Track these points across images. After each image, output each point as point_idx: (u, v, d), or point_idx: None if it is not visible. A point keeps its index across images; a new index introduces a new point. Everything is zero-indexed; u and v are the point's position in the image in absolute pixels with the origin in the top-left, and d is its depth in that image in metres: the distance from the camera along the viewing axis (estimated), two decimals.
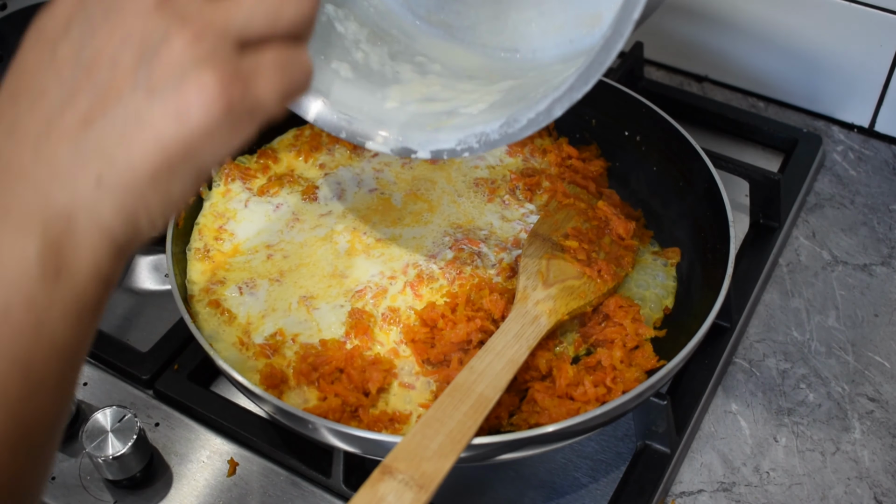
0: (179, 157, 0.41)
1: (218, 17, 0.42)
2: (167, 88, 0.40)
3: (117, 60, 0.41)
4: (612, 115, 0.94)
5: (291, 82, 0.44)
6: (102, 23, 0.42)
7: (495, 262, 0.83)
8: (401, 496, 0.57)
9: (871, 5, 1.01)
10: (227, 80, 0.41)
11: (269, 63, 0.43)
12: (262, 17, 0.43)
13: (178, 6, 0.42)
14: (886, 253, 0.97)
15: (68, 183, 0.41)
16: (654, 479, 0.76)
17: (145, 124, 0.41)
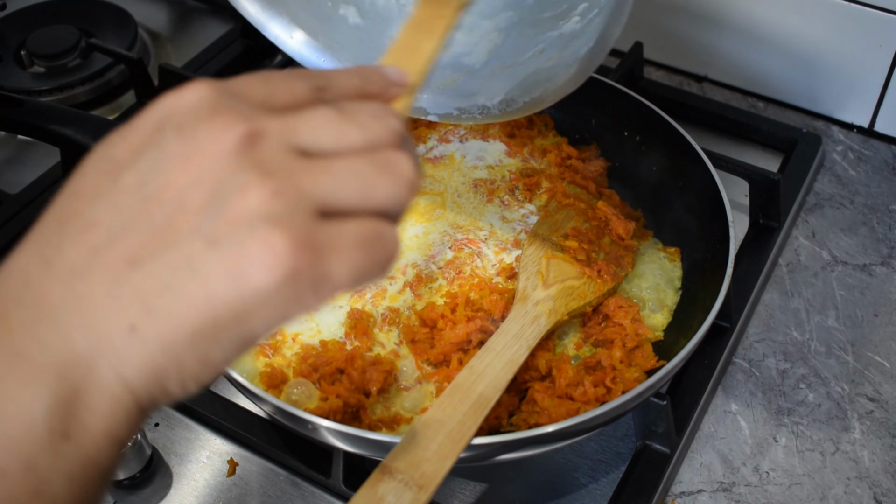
0: (227, 320, 0.36)
1: (304, 178, 0.38)
2: (230, 242, 0.36)
3: (183, 200, 0.37)
4: (612, 115, 0.94)
5: (370, 262, 0.39)
6: (176, 157, 0.38)
7: (495, 263, 0.83)
8: (400, 496, 0.57)
9: (871, 5, 1.01)
10: (298, 245, 0.36)
11: (349, 237, 0.38)
12: (353, 189, 0.39)
13: (263, 155, 0.38)
14: (886, 253, 0.97)
15: (97, 327, 0.36)
16: (654, 479, 0.76)
17: (197, 276, 0.36)
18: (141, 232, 0.37)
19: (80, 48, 1.19)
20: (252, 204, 0.36)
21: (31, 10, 1.27)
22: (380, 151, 0.40)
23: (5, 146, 1.12)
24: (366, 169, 0.40)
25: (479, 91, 0.73)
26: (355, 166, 0.39)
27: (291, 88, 0.42)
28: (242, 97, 0.40)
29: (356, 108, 0.42)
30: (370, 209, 0.40)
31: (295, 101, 0.41)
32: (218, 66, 1.20)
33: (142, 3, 1.34)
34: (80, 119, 0.94)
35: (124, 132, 0.40)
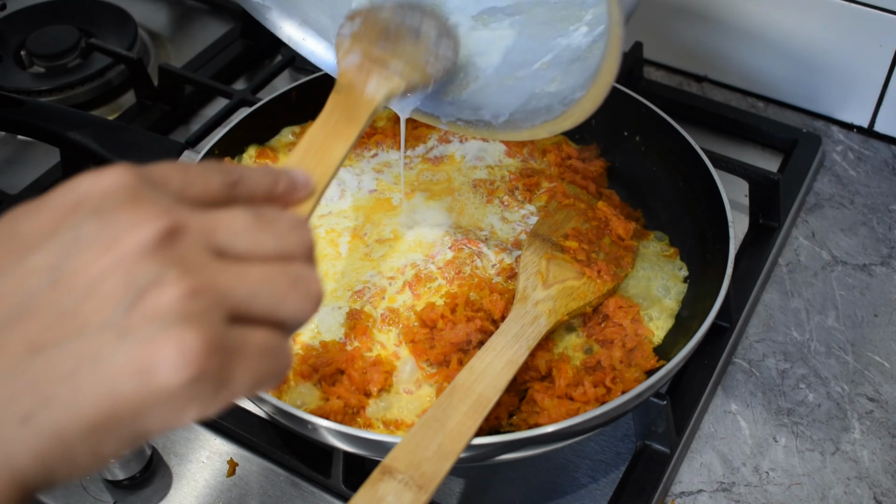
0: (126, 416, 0.36)
1: (221, 280, 0.38)
2: (141, 335, 0.36)
3: (95, 288, 0.36)
4: (612, 115, 0.94)
5: (268, 371, 0.40)
6: (92, 243, 0.37)
7: (495, 263, 0.83)
8: (400, 496, 0.57)
9: (871, 5, 1.01)
10: (210, 347, 0.36)
11: (255, 345, 0.39)
12: (265, 299, 0.40)
13: (182, 253, 0.38)
14: (886, 253, 0.97)
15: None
16: (654, 479, 0.76)
17: (102, 369, 0.35)
18: (46, 317, 0.36)
19: (80, 48, 1.19)
20: (168, 300, 0.36)
21: (31, 10, 1.27)
22: (291, 263, 0.42)
23: (5, 146, 1.12)
24: (278, 281, 0.41)
25: (484, 106, 0.74)
26: (269, 276, 0.40)
27: (206, 181, 0.42)
28: (160, 186, 0.40)
29: (273, 215, 0.43)
30: (275, 319, 0.40)
31: (208, 195, 0.42)
32: (218, 66, 1.20)
33: (142, 3, 1.34)
34: (79, 119, 0.94)
35: (33, 209, 0.39)
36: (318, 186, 0.51)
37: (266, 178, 0.46)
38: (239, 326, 0.39)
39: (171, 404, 0.36)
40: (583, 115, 0.64)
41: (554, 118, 0.67)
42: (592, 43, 0.70)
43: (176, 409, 0.37)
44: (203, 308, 0.37)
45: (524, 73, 0.73)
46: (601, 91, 0.60)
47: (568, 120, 0.66)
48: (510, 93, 0.73)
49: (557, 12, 0.73)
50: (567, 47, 0.71)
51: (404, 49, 0.69)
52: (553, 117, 0.68)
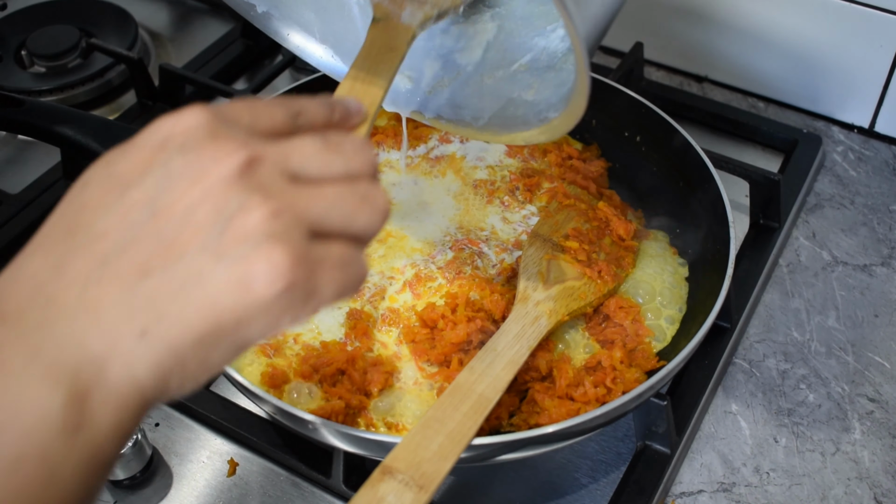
0: (230, 327, 0.40)
1: (298, 201, 0.42)
2: (235, 255, 0.40)
3: (190, 216, 0.40)
4: (613, 115, 0.94)
5: (349, 280, 0.44)
6: (182, 177, 0.41)
7: (496, 263, 0.83)
8: (401, 496, 0.57)
9: (871, 5, 1.01)
10: (296, 260, 0.40)
11: (334, 257, 0.43)
12: (339, 215, 0.44)
13: (262, 180, 0.41)
14: (886, 253, 0.97)
15: (110, 330, 0.39)
16: (654, 479, 0.76)
17: (205, 286, 0.40)
18: (150, 244, 0.40)
19: (81, 48, 1.19)
20: (254, 222, 0.40)
21: (31, 10, 1.27)
22: (359, 182, 0.46)
23: (5, 146, 1.12)
24: (349, 198, 0.44)
25: (465, 106, 0.76)
26: (340, 195, 0.44)
27: (272, 115, 0.46)
28: (234, 122, 0.44)
29: (339, 139, 0.47)
30: (349, 233, 0.44)
31: (275, 127, 0.46)
32: (218, 66, 1.20)
33: (142, 3, 1.34)
34: (80, 119, 0.94)
35: (126, 150, 0.43)
36: (369, 111, 0.55)
37: (322, 108, 0.49)
38: (318, 241, 0.42)
39: (267, 313, 0.40)
40: (555, 135, 0.67)
41: (529, 130, 0.70)
42: (568, 51, 0.71)
43: (272, 317, 0.41)
44: (285, 226, 0.41)
45: (502, 73, 0.75)
46: (571, 120, 0.63)
47: (542, 136, 0.68)
48: (489, 95, 0.75)
49: (536, 7, 0.74)
50: (544, 50, 0.73)
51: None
52: (528, 129, 0.70)
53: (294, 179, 0.43)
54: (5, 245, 0.97)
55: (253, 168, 0.42)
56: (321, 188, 0.44)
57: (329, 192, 0.44)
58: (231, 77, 1.22)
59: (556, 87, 0.71)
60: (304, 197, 0.43)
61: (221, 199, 0.40)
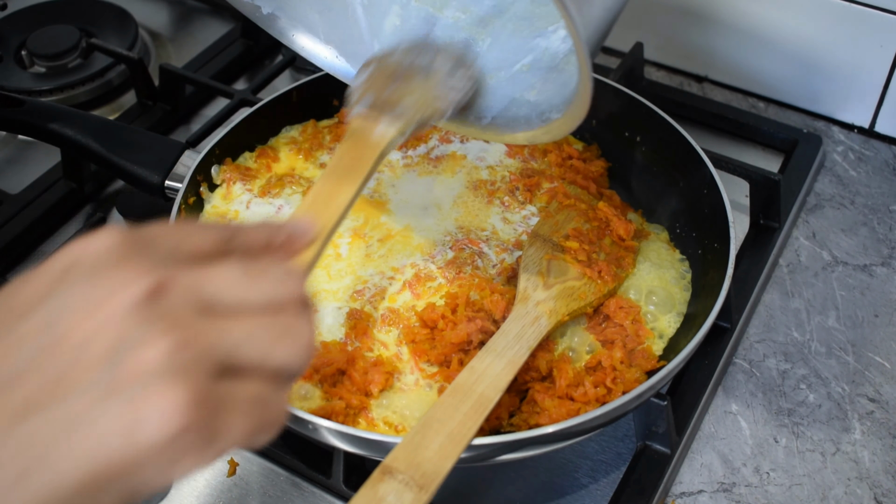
0: (116, 473, 0.37)
1: (208, 333, 0.39)
2: (127, 394, 0.36)
3: (83, 350, 0.37)
4: (613, 115, 0.94)
5: (262, 422, 0.40)
6: (80, 306, 0.38)
7: (496, 263, 0.83)
8: (401, 497, 0.57)
9: (871, 5, 1.01)
10: (195, 400, 0.37)
11: (245, 397, 0.39)
12: (253, 349, 0.40)
13: (168, 310, 0.38)
14: (886, 253, 0.97)
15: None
16: (655, 479, 0.76)
17: (92, 427, 0.36)
18: (37, 380, 0.37)
19: (81, 48, 1.19)
20: (153, 357, 0.37)
21: (31, 10, 1.27)
22: (281, 314, 0.42)
23: (5, 146, 1.12)
24: (267, 331, 0.41)
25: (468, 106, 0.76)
26: (257, 327, 0.41)
27: (201, 238, 0.43)
28: (151, 246, 0.41)
29: (262, 268, 0.43)
30: (266, 370, 0.41)
31: (200, 251, 0.42)
32: (218, 66, 1.20)
33: (142, 3, 1.34)
34: (80, 119, 0.94)
35: (29, 277, 0.40)
36: (322, 231, 0.53)
37: (263, 230, 0.46)
38: (229, 379, 0.39)
39: (159, 459, 0.37)
40: (558, 135, 0.67)
41: (531, 130, 0.69)
42: (569, 52, 0.72)
43: (167, 463, 0.37)
44: (188, 362, 0.37)
45: (505, 74, 0.75)
46: (573, 121, 0.63)
47: (545, 135, 0.68)
48: (492, 95, 0.75)
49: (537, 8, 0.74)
50: (546, 51, 0.73)
51: (414, 87, 0.70)
52: (531, 130, 0.70)
53: (207, 309, 0.40)
54: (5, 245, 0.97)
55: (159, 296, 0.38)
56: (236, 319, 0.40)
57: (244, 324, 0.40)
58: (231, 77, 1.22)
59: (558, 87, 0.71)
60: (216, 328, 0.39)
61: (118, 331, 0.37)
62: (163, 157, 0.90)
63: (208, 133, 1.05)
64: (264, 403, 0.40)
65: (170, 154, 0.90)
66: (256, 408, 0.40)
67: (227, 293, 0.41)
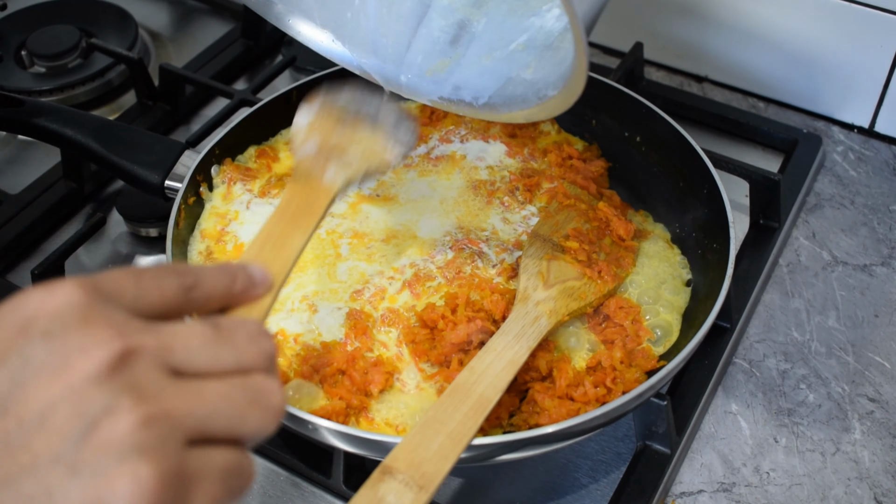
0: None
1: (178, 404, 0.37)
2: (94, 471, 0.34)
3: (46, 419, 0.35)
4: (613, 115, 0.94)
5: (231, 490, 0.39)
6: (41, 370, 0.36)
7: (496, 263, 0.83)
8: (401, 497, 0.57)
9: (871, 5, 1.01)
10: (166, 477, 0.35)
11: (215, 468, 0.38)
12: (224, 419, 0.39)
13: (136, 377, 0.36)
14: (886, 253, 0.97)
15: None
16: (655, 479, 0.76)
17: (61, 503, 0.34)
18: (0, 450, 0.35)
19: (81, 48, 1.19)
20: (121, 430, 0.35)
21: (31, 10, 1.27)
22: (251, 376, 0.41)
23: (5, 146, 1.12)
24: (237, 397, 0.40)
25: (464, 86, 0.76)
26: (228, 394, 0.39)
27: (161, 289, 0.41)
28: (113, 299, 0.39)
29: (231, 327, 0.42)
30: (235, 437, 0.40)
31: (163, 304, 0.41)
32: (218, 66, 1.20)
33: (142, 3, 1.34)
34: (80, 119, 0.94)
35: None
36: (276, 280, 0.51)
37: (223, 278, 0.45)
38: (198, 448, 0.38)
39: None
40: (554, 112, 0.66)
41: (529, 108, 0.69)
42: (564, 31, 0.72)
43: None
44: (159, 436, 0.36)
45: (501, 53, 0.75)
46: (570, 97, 0.63)
47: (542, 113, 0.68)
48: (488, 74, 0.75)
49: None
50: (540, 29, 0.73)
51: (361, 136, 0.70)
52: (527, 108, 0.69)
53: (175, 375, 0.38)
54: (5, 245, 0.97)
55: (127, 362, 0.37)
56: (206, 386, 0.39)
57: (215, 392, 0.39)
58: (231, 77, 1.22)
59: (554, 65, 0.70)
60: (185, 398, 0.38)
61: (84, 400, 0.35)
62: (163, 157, 0.90)
63: (208, 133, 1.05)
64: (234, 470, 0.39)
65: (170, 154, 0.90)
66: (226, 478, 0.39)
67: (197, 356, 0.40)
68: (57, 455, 0.35)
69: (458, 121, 0.98)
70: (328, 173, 0.66)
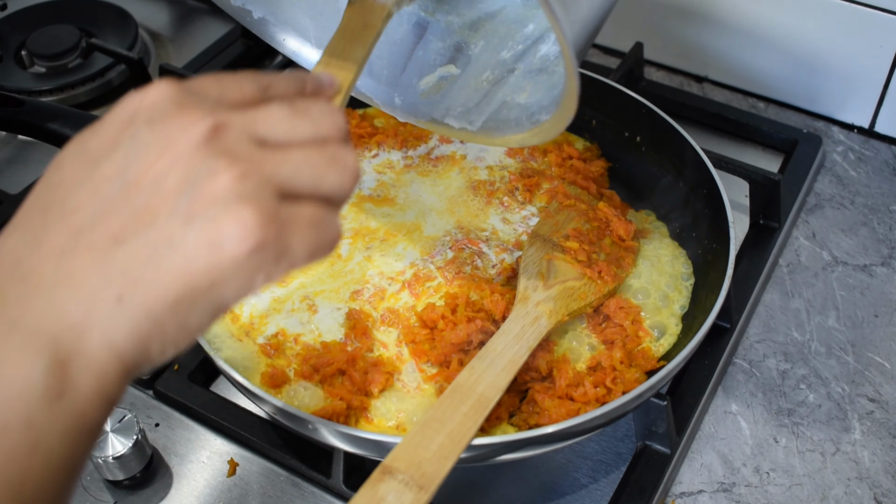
0: (204, 288, 0.41)
1: (265, 163, 0.43)
2: (205, 218, 0.40)
3: (160, 184, 0.41)
4: (613, 115, 0.94)
5: (321, 241, 0.44)
6: (150, 147, 0.42)
7: (496, 263, 0.83)
8: (401, 497, 0.57)
9: (871, 5, 1.01)
10: (265, 219, 0.41)
11: (304, 218, 0.43)
12: (307, 176, 0.44)
13: (228, 144, 0.42)
14: (886, 253, 0.97)
15: (87, 298, 0.40)
16: (654, 479, 0.76)
17: (177, 250, 0.40)
18: (122, 214, 0.41)
19: (81, 48, 1.19)
20: (222, 185, 0.41)
21: (31, 10, 1.27)
22: (328, 145, 0.46)
23: (5, 146, 1.12)
24: (317, 159, 0.45)
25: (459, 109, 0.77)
26: (308, 156, 0.45)
27: (241, 87, 0.47)
28: (202, 94, 0.45)
29: (307, 105, 0.47)
30: (320, 194, 0.45)
31: (244, 99, 0.46)
32: (218, 66, 1.20)
33: (142, 3, 1.34)
34: (80, 119, 0.94)
35: (96, 128, 0.44)
36: (343, 84, 0.57)
37: (294, 82, 0.50)
38: (288, 202, 0.43)
39: (240, 272, 0.41)
40: (547, 137, 0.67)
41: (521, 133, 0.70)
42: (559, 55, 0.72)
43: (246, 276, 0.41)
44: (253, 188, 0.41)
45: (496, 76, 0.76)
46: (562, 122, 0.63)
47: (535, 138, 0.69)
48: (483, 98, 0.76)
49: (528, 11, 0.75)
50: (536, 53, 0.74)
51: None
52: (521, 132, 0.70)
53: (261, 144, 0.44)
54: None
55: (219, 134, 0.42)
56: (289, 151, 0.44)
57: (297, 155, 0.44)
58: None
59: (548, 89, 0.71)
60: (272, 159, 0.43)
61: (189, 166, 0.41)
62: None
63: None
64: (321, 223, 0.44)
65: None
66: (315, 227, 0.44)
67: (278, 129, 0.45)
68: (172, 210, 0.41)
69: None
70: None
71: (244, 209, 0.40)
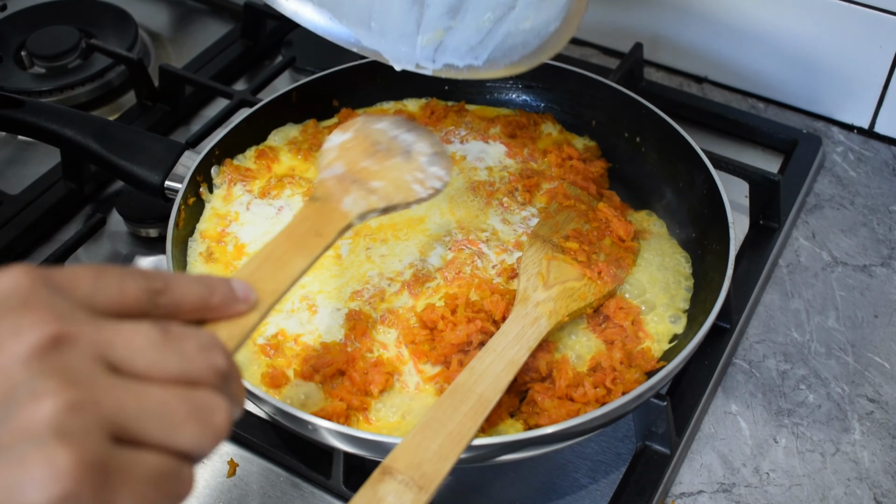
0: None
1: (109, 395, 0.36)
2: (13, 453, 0.34)
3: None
4: (613, 116, 0.94)
5: (161, 499, 0.37)
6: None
7: (496, 263, 0.83)
8: (401, 497, 0.57)
9: (871, 6, 1.02)
10: (83, 467, 0.34)
11: (143, 470, 0.36)
12: (157, 424, 0.37)
13: (68, 363, 0.36)
14: (886, 254, 0.97)
15: None
16: (654, 479, 0.76)
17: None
18: None
19: (81, 49, 1.19)
20: (44, 414, 0.34)
21: (31, 10, 1.27)
22: (195, 390, 0.39)
23: (5, 146, 1.12)
24: (175, 405, 0.38)
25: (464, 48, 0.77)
26: (165, 399, 0.38)
27: (122, 288, 0.40)
28: (63, 291, 0.38)
29: (183, 334, 0.40)
30: (170, 448, 0.38)
31: (120, 304, 0.39)
32: (218, 66, 1.20)
33: (142, 4, 1.34)
34: (80, 119, 0.94)
35: None
36: (265, 300, 0.48)
37: (198, 288, 0.43)
38: (128, 448, 0.36)
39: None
40: (558, 45, 0.65)
41: (530, 52, 0.68)
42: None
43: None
44: (81, 424, 0.35)
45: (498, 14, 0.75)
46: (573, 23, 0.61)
47: (544, 53, 0.67)
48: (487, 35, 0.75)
49: None
50: None
51: (392, 165, 0.67)
52: (529, 51, 0.69)
53: (112, 370, 0.37)
54: (5, 245, 0.97)
55: (59, 347, 0.36)
56: (144, 387, 0.37)
57: (151, 395, 0.37)
58: (231, 77, 1.22)
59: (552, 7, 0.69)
60: (118, 393, 0.36)
61: (11, 382, 0.35)
62: (162, 158, 0.90)
63: (208, 133, 1.05)
64: (165, 479, 0.37)
65: (169, 154, 0.90)
66: (155, 483, 0.37)
67: (138, 357, 0.38)
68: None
69: (458, 121, 0.98)
70: (348, 199, 0.63)
71: (60, 450, 0.33)
